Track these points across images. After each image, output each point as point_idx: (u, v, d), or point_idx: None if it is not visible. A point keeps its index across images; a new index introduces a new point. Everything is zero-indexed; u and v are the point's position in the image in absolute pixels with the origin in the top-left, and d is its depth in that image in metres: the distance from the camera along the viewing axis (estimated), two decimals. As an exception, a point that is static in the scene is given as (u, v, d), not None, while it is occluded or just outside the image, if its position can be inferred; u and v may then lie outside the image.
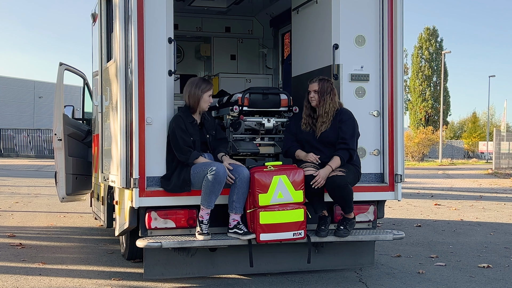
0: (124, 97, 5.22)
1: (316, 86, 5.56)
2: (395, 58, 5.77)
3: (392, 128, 5.78)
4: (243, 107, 5.99)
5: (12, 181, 18.97)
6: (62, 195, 7.95)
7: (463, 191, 18.20)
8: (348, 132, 5.48)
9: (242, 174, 5.23)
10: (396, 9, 5.74)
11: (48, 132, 38.55)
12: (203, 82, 5.50)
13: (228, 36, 9.08)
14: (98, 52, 6.52)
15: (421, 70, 56.94)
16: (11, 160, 34.89)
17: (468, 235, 8.85)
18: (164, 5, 5.38)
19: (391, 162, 5.78)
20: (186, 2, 8.12)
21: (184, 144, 5.25)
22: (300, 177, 5.23)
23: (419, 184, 20.80)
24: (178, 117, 5.36)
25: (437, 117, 55.44)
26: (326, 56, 5.92)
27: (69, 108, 8.28)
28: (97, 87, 6.49)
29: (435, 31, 57.81)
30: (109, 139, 5.92)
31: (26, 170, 25.91)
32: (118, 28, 5.29)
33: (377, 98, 5.84)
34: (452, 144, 59.40)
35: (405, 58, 56.20)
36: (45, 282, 5.53)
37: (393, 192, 5.79)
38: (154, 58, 5.32)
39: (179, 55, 9.53)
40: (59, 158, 7.86)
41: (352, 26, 5.80)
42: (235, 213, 5.25)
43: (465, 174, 29.34)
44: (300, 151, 5.61)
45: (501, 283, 5.77)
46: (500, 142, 32.51)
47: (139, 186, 5.15)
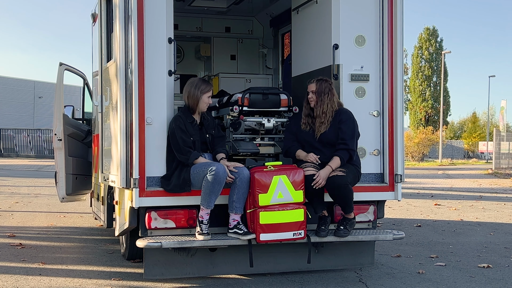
0: (124, 97, 5.23)
1: (314, 87, 5.57)
2: (395, 58, 5.77)
3: (392, 128, 5.78)
4: (243, 107, 5.99)
5: (12, 181, 18.97)
6: (62, 195, 7.94)
7: (463, 191, 18.20)
8: (347, 132, 5.48)
9: (242, 174, 5.23)
10: (396, 9, 5.75)
11: (48, 132, 38.54)
12: (203, 83, 5.49)
13: (228, 36, 9.08)
14: (98, 52, 6.52)
15: (421, 70, 56.94)
16: (11, 160, 34.89)
17: (468, 235, 8.85)
18: (164, 5, 5.38)
19: (391, 162, 5.78)
20: (186, 2, 8.12)
21: (184, 145, 5.25)
22: (300, 177, 5.23)
23: (419, 184, 20.80)
24: (178, 117, 5.36)
25: (437, 117, 55.44)
26: (326, 56, 5.92)
27: (69, 108, 8.28)
28: (97, 87, 6.50)
29: (435, 31, 57.81)
30: (109, 139, 5.92)
31: (26, 170, 25.90)
32: (118, 28, 5.29)
33: (377, 98, 5.84)
34: (452, 144, 59.40)
35: (405, 58, 56.22)
36: (45, 282, 5.53)
37: (393, 192, 5.80)
38: (154, 58, 5.32)
39: (179, 55, 9.54)
40: (59, 158, 7.86)
41: (352, 26, 5.80)
42: (235, 213, 5.25)
43: (465, 174, 29.34)
44: (301, 151, 5.61)
45: (501, 283, 5.77)
46: (500, 142, 32.49)
47: (139, 186, 5.15)
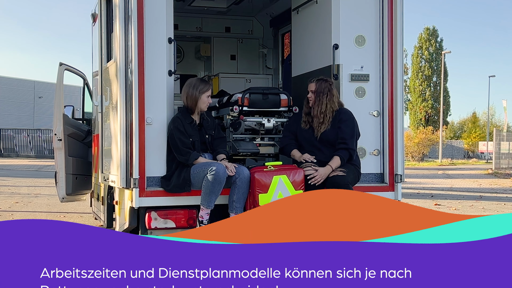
0: (124, 97, 5.23)
1: (314, 87, 5.57)
2: (395, 58, 5.77)
3: (392, 128, 5.78)
4: (243, 107, 5.99)
5: (12, 181, 18.97)
6: (62, 195, 7.94)
7: (463, 191, 18.21)
8: (347, 132, 5.48)
9: (242, 174, 5.23)
10: (396, 9, 5.75)
11: (48, 132, 38.52)
12: (201, 83, 5.49)
13: (228, 36, 9.08)
14: (98, 52, 6.52)
15: (421, 70, 56.94)
16: (11, 160, 34.88)
17: (468, 235, 8.83)
18: (164, 5, 5.38)
19: (391, 162, 5.78)
20: (186, 2, 8.12)
21: (183, 146, 5.25)
22: (300, 177, 5.24)
23: (419, 184, 20.80)
24: (176, 118, 5.36)
25: (437, 117, 55.44)
26: (326, 56, 5.92)
27: (69, 108, 8.28)
28: (97, 87, 6.50)
29: (435, 31, 57.81)
30: (109, 139, 5.92)
31: (26, 170, 25.90)
32: (118, 28, 5.29)
33: (377, 98, 5.84)
34: (452, 144, 59.38)
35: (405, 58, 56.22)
36: (45, 282, 5.52)
37: (393, 192, 5.79)
38: (154, 58, 5.32)
39: (179, 55, 9.53)
40: (59, 158, 7.86)
41: (352, 26, 5.80)
42: (235, 213, 5.25)
43: (465, 174, 29.34)
44: (296, 151, 5.61)
45: (501, 283, 5.76)
46: (500, 142, 32.53)
47: (139, 186, 5.15)
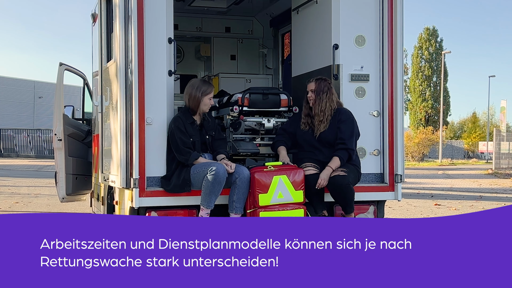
0: (124, 97, 5.23)
1: (313, 86, 5.58)
2: (395, 58, 5.77)
3: (392, 128, 5.78)
4: (243, 107, 5.98)
5: (12, 181, 18.97)
6: (62, 195, 7.94)
7: (463, 191, 18.20)
8: (346, 132, 5.48)
9: (242, 174, 5.23)
10: (396, 9, 5.75)
11: (48, 132, 38.52)
12: (204, 85, 5.48)
13: (228, 36, 9.07)
14: (98, 52, 6.52)
15: (421, 70, 56.94)
16: (11, 160, 34.87)
17: (468, 235, 8.83)
18: (164, 5, 5.38)
19: (391, 162, 5.78)
20: (186, 2, 8.12)
21: (183, 146, 5.25)
22: (300, 177, 5.24)
23: (419, 184, 20.80)
24: (177, 118, 5.36)
25: (437, 117, 55.43)
26: (326, 56, 5.92)
27: (69, 108, 8.28)
28: (97, 87, 6.49)
29: (435, 31, 57.81)
30: (109, 139, 5.92)
31: (26, 170, 25.90)
32: (118, 28, 5.29)
33: (377, 98, 5.84)
34: (452, 144, 59.38)
35: (405, 58, 56.21)
36: (45, 282, 5.52)
37: (393, 192, 5.79)
38: (154, 58, 5.32)
39: (179, 55, 9.53)
40: (59, 158, 7.86)
41: (352, 26, 5.80)
42: (235, 213, 5.25)
43: (465, 174, 29.34)
44: (282, 149, 5.62)
45: (501, 283, 5.76)
46: (500, 142, 32.51)
47: (139, 186, 5.15)
